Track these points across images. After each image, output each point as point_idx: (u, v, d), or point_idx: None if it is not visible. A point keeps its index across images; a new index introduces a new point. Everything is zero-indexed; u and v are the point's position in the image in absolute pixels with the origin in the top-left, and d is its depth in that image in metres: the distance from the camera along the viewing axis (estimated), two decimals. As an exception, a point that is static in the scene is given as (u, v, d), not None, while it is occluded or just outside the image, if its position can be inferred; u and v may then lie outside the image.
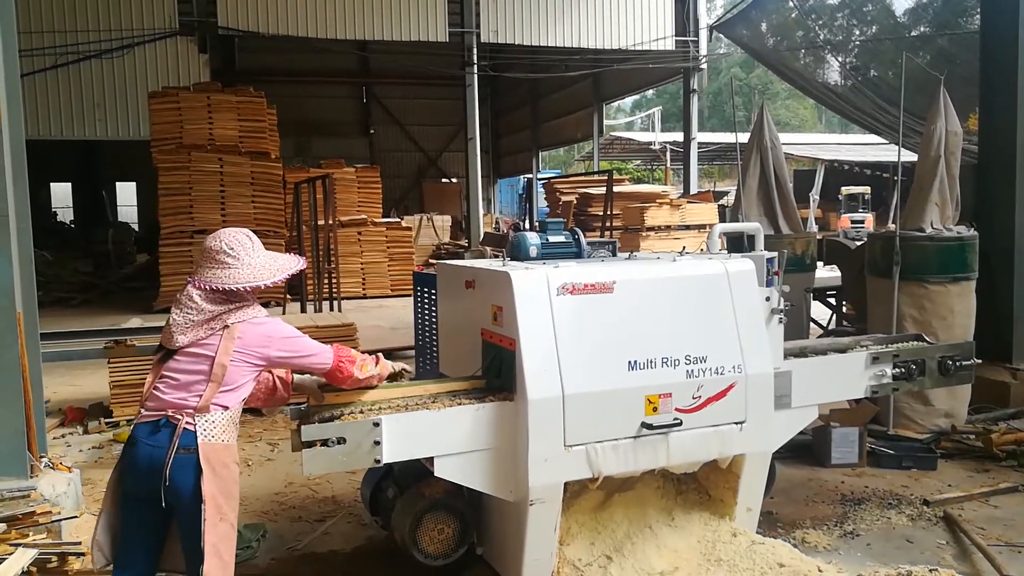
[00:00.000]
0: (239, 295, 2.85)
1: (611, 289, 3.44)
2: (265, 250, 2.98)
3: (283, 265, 2.97)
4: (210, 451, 2.71)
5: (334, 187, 11.88)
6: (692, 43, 20.46)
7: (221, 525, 2.72)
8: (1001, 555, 3.99)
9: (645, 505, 3.81)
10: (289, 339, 2.90)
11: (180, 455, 2.69)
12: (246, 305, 2.86)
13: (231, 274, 2.83)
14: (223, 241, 2.89)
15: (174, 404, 2.76)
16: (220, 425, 2.76)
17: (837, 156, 27.87)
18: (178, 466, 2.68)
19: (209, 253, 2.87)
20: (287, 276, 2.97)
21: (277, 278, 2.91)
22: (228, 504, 2.75)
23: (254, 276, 2.86)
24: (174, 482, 2.69)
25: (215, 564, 2.68)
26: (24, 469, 4.40)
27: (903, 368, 4.36)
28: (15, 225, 4.51)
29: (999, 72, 6.82)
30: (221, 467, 2.74)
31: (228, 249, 2.86)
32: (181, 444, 2.70)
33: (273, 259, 2.96)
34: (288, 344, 2.89)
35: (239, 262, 2.85)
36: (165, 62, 17.94)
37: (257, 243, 2.97)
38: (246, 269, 2.85)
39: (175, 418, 2.73)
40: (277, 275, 2.91)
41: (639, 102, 47.12)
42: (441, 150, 30.54)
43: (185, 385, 2.77)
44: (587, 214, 17.96)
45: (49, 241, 19.71)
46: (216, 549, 2.68)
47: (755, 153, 7.65)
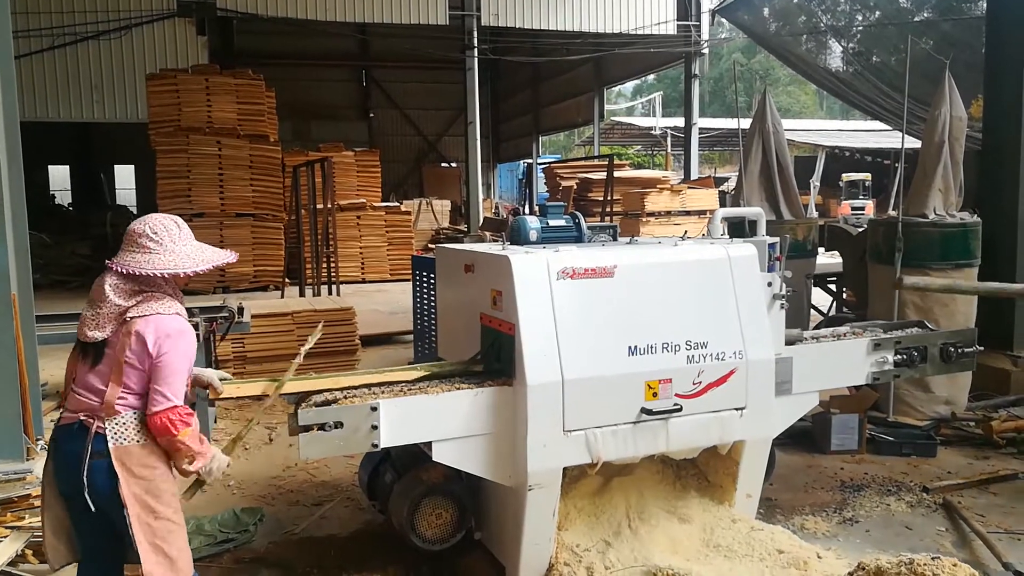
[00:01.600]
0: (151, 285, 2.69)
1: (612, 274, 3.41)
2: (196, 241, 2.81)
3: (210, 256, 2.78)
4: (123, 455, 2.60)
5: (333, 171, 11.82)
6: (694, 27, 20.32)
7: (158, 522, 2.62)
8: (1000, 542, 3.99)
9: (644, 491, 3.79)
10: (178, 354, 2.64)
11: (94, 460, 2.59)
12: (154, 298, 2.67)
13: (150, 259, 2.66)
14: (147, 225, 2.72)
15: (86, 407, 2.66)
16: (132, 426, 2.63)
17: (838, 143, 27.78)
18: (94, 471, 2.59)
19: (131, 236, 2.71)
20: (211, 267, 2.77)
21: (200, 268, 2.72)
22: (160, 500, 2.64)
23: (175, 263, 2.68)
24: (94, 487, 2.61)
25: (157, 561, 2.60)
26: (20, 451, 4.40)
27: (904, 355, 4.33)
28: (10, 207, 4.48)
29: (1004, 57, 6.76)
30: (140, 468, 2.62)
31: (151, 233, 2.70)
32: (94, 449, 2.60)
33: (201, 249, 2.78)
34: (168, 357, 2.62)
35: (161, 247, 2.69)
36: (163, 44, 17.80)
37: (186, 231, 2.80)
38: (167, 256, 2.68)
39: (88, 422, 2.63)
40: (200, 265, 2.72)
41: (640, 87, 46.92)
42: (441, 134, 30.42)
43: (94, 386, 2.66)
44: (587, 199, 17.91)
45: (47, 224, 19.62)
46: (156, 547, 2.61)
47: (757, 138, 7.60)
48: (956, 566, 2.82)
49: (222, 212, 14.45)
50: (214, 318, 5.52)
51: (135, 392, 2.65)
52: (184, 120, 14.35)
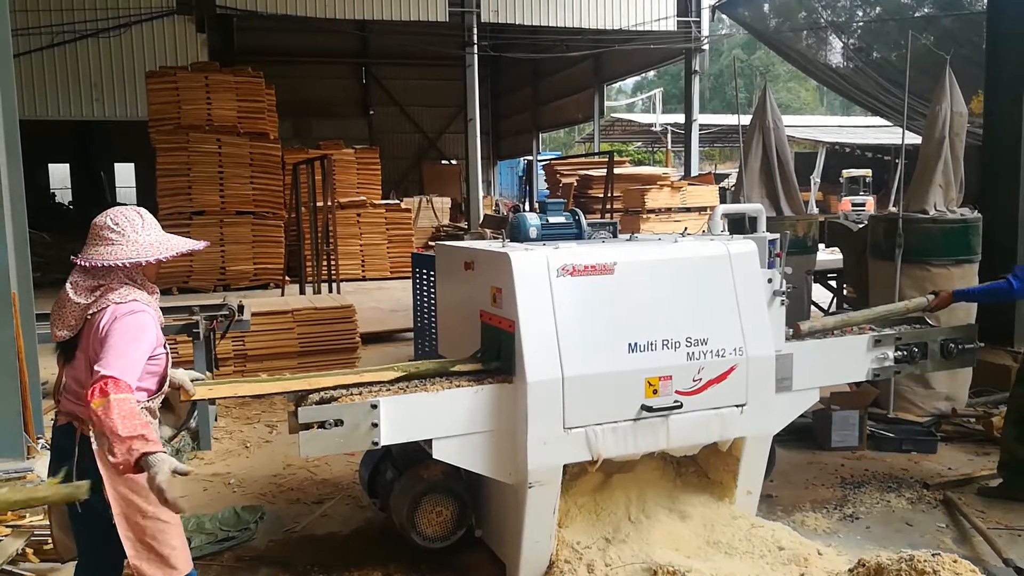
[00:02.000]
0: (108, 278, 2.63)
1: (612, 271, 3.40)
2: (162, 231, 2.74)
3: (176, 244, 2.71)
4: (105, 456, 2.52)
5: (333, 168, 11.80)
6: (694, 24, 20.29)
7: (146, 521, 2.58)
8: (1001, 538, 3.98)
9: (645, 488, 3.80)
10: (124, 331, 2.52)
11: (83, 464, 2.57)
12: (110, 290, 2.61)
13: (113, 251, 2.61)
14: (109, 217, 2.67)
15: (72, 409, 2.65)
16: None
17: (838, 139, 27.72)
18: (82, 475, 2.54)
19: (94, 229, 2.66)
20: (177, 254, 2.70)
21: (164, 255, 2.65)
22: (148, 499, 2.49)
23: (137, 252, 2.62)
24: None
25: (148, 559, 2.57)
26: (20, 450, 4.40)
27: (905, 351, 4.34)
28: (9, 206, 4.48)
29: (1005, 52, 6.75)
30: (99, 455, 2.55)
31: (113, 224, 2.64)
32: (80, 451, 2.58)
33: (167, 239, 2.72)
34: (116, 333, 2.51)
35: (123, 238, 2.63)
36: (163, 41, 17.82)
37: (150, 220, 2.73)
38: (130, 246, 2.62)
39: (75, 424, 2.62)
40: (164, 252, 2.66)
41: (640, 84, 46.88)
42: (441, 131, 30.39)
43: (75, 389, 2.64)
44: (587, 196, 17.90)
45: (47, 222, 19.64)
46: (146, 545, 2.58)
47: (757, 134, 7.58)
48: (956, 562, 2.82)
49: (222, 210, 14.43)
50: (214, 316, 5.51)
51: None
52: (184, 118, 14.32)
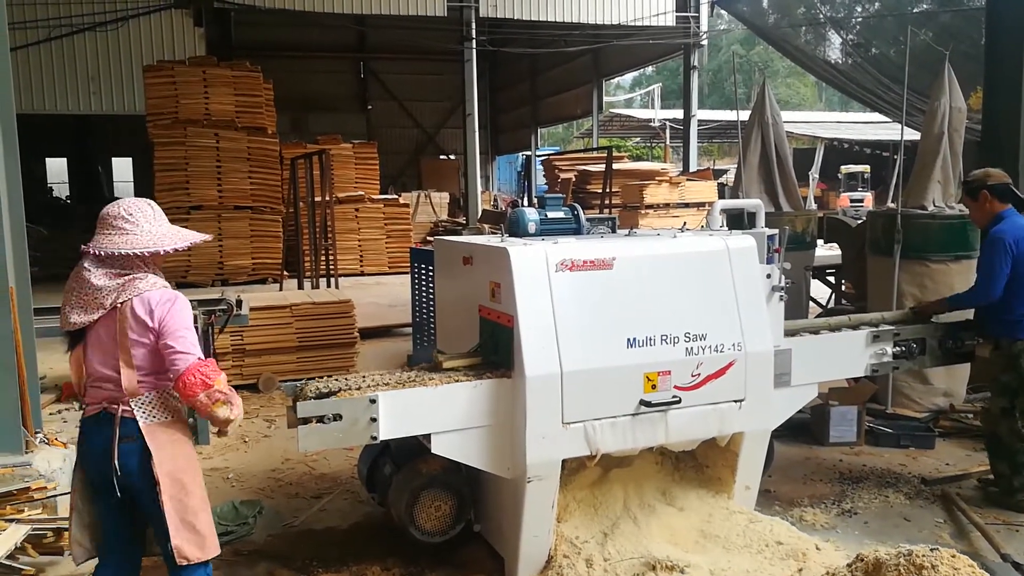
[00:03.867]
0: (130, 267, 2.68)
1: (610, 265, 3.40)
2: (170, 223, 2.83)
3: (187, 235, 2.81)
4: (155, 431, 2.65)
5: (331, 163, 11.78)
6: (693, 19, 20.27)
7: (189, 499, 2.67)
8: (999, 533, 4.00)
9: (643, 482, 3.80)
10: (177, 314, 2.66)
11: (124, 444, 2.64)
12: (136, 279, 2.67)
13: (128, 240, 2.67)
14: (122, 207, 2.74)
15: (106, 396, 2.70)
16: (157, 405, 2.70)
17: (837, 134, 27.72)
18: (125, 455, 2.64)
19: (106, 219, 2.72)
20: (189, 245, 2.80)
21: (178, 245, 2.75)
22: (190, 476, 2.70)
23: (154, 242, 2.69)
24: (124, 471, 2.65)
25: (188, 538, 2.64)
26: (19, 444, 4.39)
27: (903, 347, 4.35)
28: (7, 199, 4.47)
29: (1004, 48, 6.73)
30: (171, 444, 2.68)
31: (127, 215, 2.71)
32: (122, 434, 2.65)
33: (177, 230, 2.81)
34: (170, 318, 2.64)
35: (138, 228, 2.70)
36: (160, 35, 17.76)
37: (159, 213, 2.81)
38: (145, 236, 2.69)
39: (112, 409, 2.68)
40: (179, 242, 2.76)
41: (639, 79, 46.78)
42: (439, 126, 30.35)
43: (107, 375, 2.69)
44: (586, 191, 17.88)
45: (45, 217, 19.60)
46: (187, 523, 2.65)
47: (756, 130, 7.59)
48: (955, 557, 2.82)
49: (220, 205, 14.41)
50: (212, 311, 5.51)
51: (149, 371, 2.68)
52: (182, 112, 14.29)
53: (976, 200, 4.55)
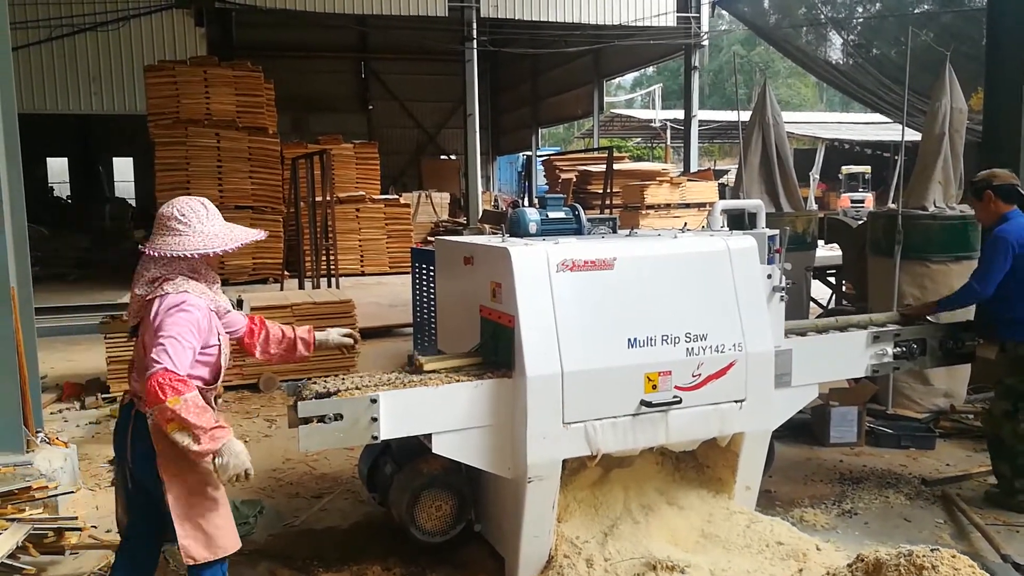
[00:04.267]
0: (172, 268, 2.73)
1: (611, 266, 3.40)
2: (224, 221, 2.86)
3: (239, 235, 2.83)
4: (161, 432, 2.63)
5: (332, 163, 11.78)
6: (694, 19, 20.26)
7: (195, 499, 2.68)
8: (999, 534, 4.00)
9: (644, 482, 3.80)
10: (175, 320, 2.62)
11: (136, 440, 2.69)
12: (167, 281, 2.71)
13: (180, 241, 2.71)
14: (175, 208, 2.78)
15: (134, 390, 2.78)
16: None
17: (838, 135, 27.72)
18: (136, 449, 2.69)
19: (161, 220, 2.77)
20: (240, 245, 2.82)
21: (229, 246, 2.77)
22: (199, 477, 2.69)
23: (204, 244, 2.73)
24: (135, 464, 2.72)
25: (193, 536, 2.66)
26: (20, 444, 4.39)
27: (904, 347, 4.34)
28: (8, 200, 4.46)
29: (1005, 49, 6.74)
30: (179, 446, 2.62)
31: (180, 216, 2.75)
32: (135, 428, 2.69)
33: (230, 229, 2.84)
34: (168, 321, 2.62)
35: (190, 229, 2.74)
36: (161, 35, 17.76)
37: (213, 211, 2.84)
38: (196, 237, 2.73)
39: (136, 403, 2.73)
40: (230, 244, 2.77)
41: (639, 79, 46.77)
42: (440, 126, 30.35)
43: (139, 369, 2.75)
44: (586, 192, 17.88)
45: (45, 216, 19.62)
46: (193, 522, 2.66)
47: (757, 130, 7.58)
48: (955, 557, 2.83)
49: (221, 204, 14.04)
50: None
51: None
52: (183, 112, 14.29)
53: (981, 200, 4.56)
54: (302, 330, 3.22)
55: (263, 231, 3.00)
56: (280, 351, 3.16)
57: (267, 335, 3.14)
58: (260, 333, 3.13)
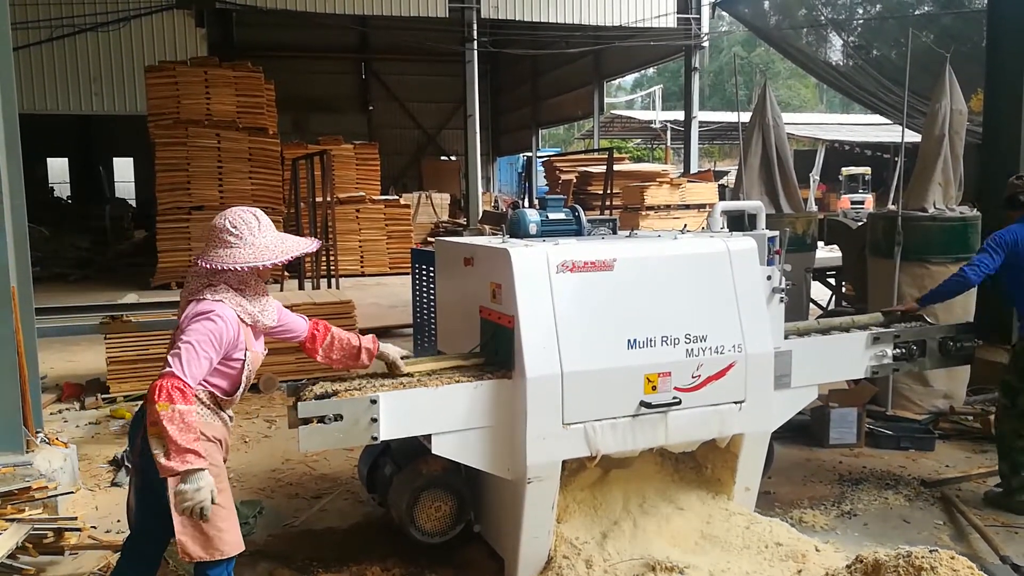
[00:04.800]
0: (220, 278, 2.76)
1: (611, 267, 3.41)
2: (276, 231, 2.86)
3: (291, 246, 2.84)
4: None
5: (332, 164, 11.79)
6: (694, 20, 20.29)
7: None
8: (998, 535, 4.00)
9: (643, 483, 3.80)
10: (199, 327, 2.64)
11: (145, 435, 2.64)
12: (210, 290, 2.73)
13: (231, 253, 2.73)
14: (227, 220, 2.79)
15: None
16: None
17: (838, 136, 27.71)
18: (145, 445, 2.66)
19: (213, 231, 2.79)
20: (292, 257, 2.82)
21: (280, 259, 2.78)
22: None
23: (254, 256, 2.74)
24: (142, 459, 2.71)
25: (192, 536, 2.64)
26: (20, 444, 4.39)
27: (904, 349, 4.34)
28: (9, 199, 4.46)
29: (1005, 51, 6.74)
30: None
31: (231, 228, 2.76)
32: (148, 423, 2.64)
33: (282, 240, 2.85)
34: (192, 328, 2.64)
35: (241, 241, 2.75)
36: (162, 36, 17.79)
37: (265, 222, 2.85)
38: (247, 249, 2.75)
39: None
40: (280, 256, 2.79)
41: (639, 80, 46.79)
42: (440, 127, 30.36)
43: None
44: (586, 193, 17.89)
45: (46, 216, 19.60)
46: (193, 522, 2.63)
47: (757, 132, 7.58)
48: (954, 559, 2.83)
49: (221, 205, 14.40)
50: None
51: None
52: (183, 112, 14.32)
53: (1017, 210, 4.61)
54: (366, 339, 3.23)
55: (316, 240, 3.00)
56: (342, 357, 3.17)
57: (332, 340, 3.16)
58: (324, 338, 3.15)
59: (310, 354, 3.19)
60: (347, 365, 3.22)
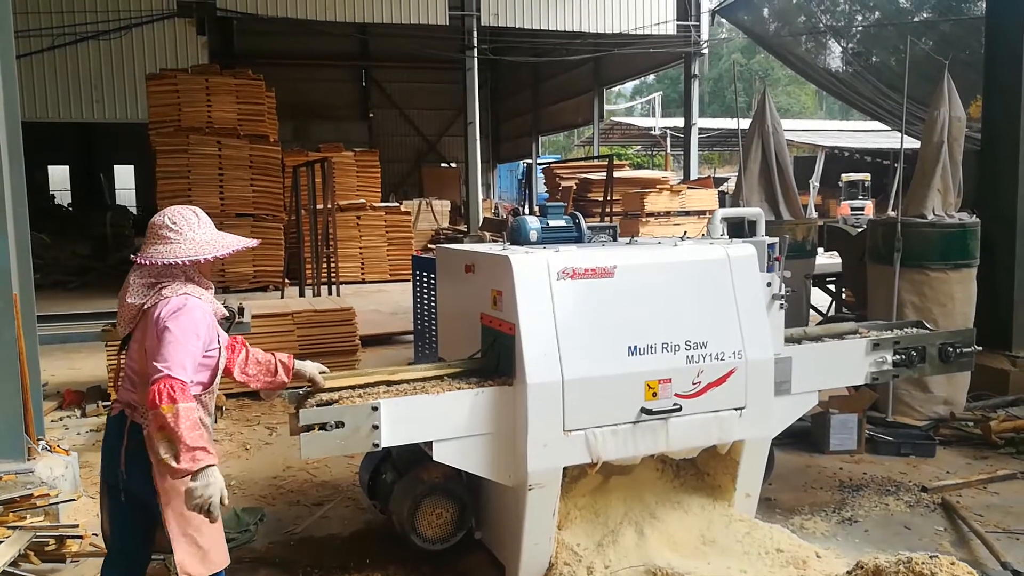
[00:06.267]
0: (168, 276, 2.71)
1: (612, 274, 3.42)
2: (215, 229, 2.83)
3: (231, 242, 2.80)
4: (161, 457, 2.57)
5: (333, 171, 11.82)
6: (694, 28, 20.33)
7: (191, 514, 2.59)
8: (999, 542, 4.00)
9: (644, 490, 3.81)
10: (177, 324, 2.58)
11: (131, 450, 2.65)
12: (165, 287, 2.68)
13: (171, 249, 2.69)
14: (167, 216, 2.76)
15: (127, 399, 2.73)
16: None
17: (837, 143, 27.77)
18: (130, 461, 2.65)
19: (152, 229, 2.75)
20: (232, 252, 2.78)
21: (220, 252, 2.74)
22: None
23: (196, 251, 2.70)
24: (130, 476, 2.67)
25: (189, 552, 2.63)
26: (21, 451, 4.39)
27: (903, 355, 4.35)
28: (11, 207, 4.48)
29: (1003, 57, 6.77)
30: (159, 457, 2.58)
31: (171, 224, 2.73)
32: (130, 439, 2.66)
33: (221, 236, 2.81)
34: (171, 326, 2.57)
35: (181, 236, 2.71)
36: (163, 44, 17.81)
37: (204, 219, 2.82)
38: (187, 244, 2.71)
39: (127, 412, 2.70)
40: (221, 250, 2.74)
41: (639, 87, 46.90)
42: (440, 134, 30.42)
43: (130, 378, 2.73)
44: (587, 199, 17.92)
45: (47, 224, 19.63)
46: (189, 537, 2.64)
47: (757, 138, 7.61)
48: (954, 565, 2.84)
49: (222, 212, 14.44)
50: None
51: None
52: (184, 120, 14.35)
53: None
54: (282, 355, 3.13)
55: (256, 239, 3.00)
56: (259, 373, 3.05)
57: (247, 355, 3.05)
58: (240, 351, 3.05)
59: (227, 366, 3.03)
60: (264, 383, 3.07)
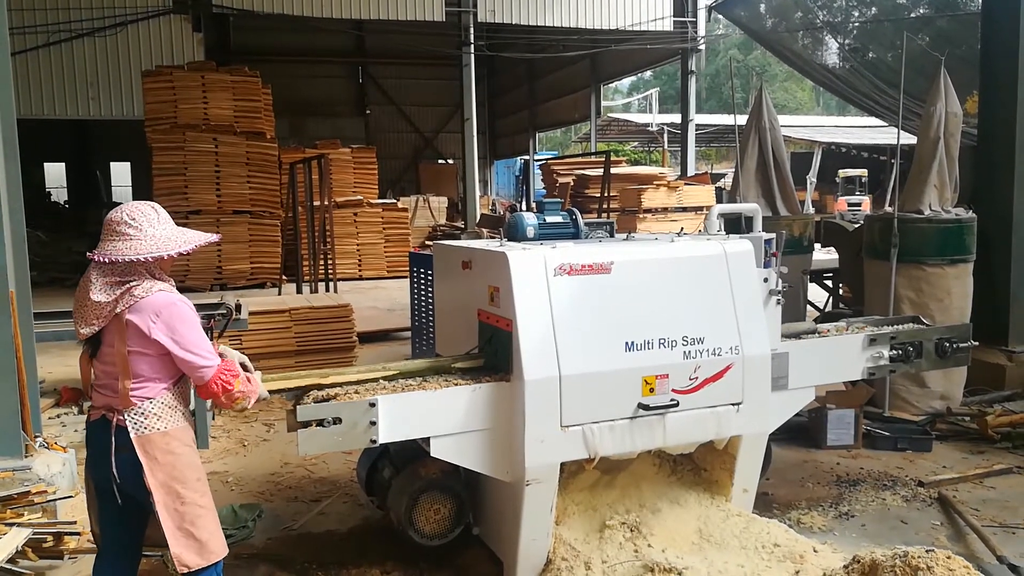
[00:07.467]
0: (132, 273, 2.66)
1: (609, 270, 3.42)
2: (175, 225, 2.78)
3: (192, 237, 2.76)
4: (145, 443, 2.64)
5: (330, 168, 11.82)
6: (690, 24, 20.35)
7: (185, 507, 2.66)
8: (995, 536, 4.01)
9: (641, 485, 3.81)
10: (181, 323, 2.63)
11: (120, 453, 2.65)
12: (135, 286, 2.63)
13: (131, 245, 2.63)
14: (124, 212, 2.69)
15: (107, 402, 2.71)
16: (152, 415, 2.66)
17: (834, 139, 27.76)
18: (121, 464, 2.65)
19: (109, 225, 2.68)
20: (194, 248, 2.74)
21: (182, 248, 2.69)
22: (186, 486, 2.68)
23: (157, 247, 2.64)
24: (122, 479, 2.67)
25: (186, 545, 2.66)
26: (19, 449, 4.39)
27: (900, 350, 4.35)
28: (7, 204, 4.47)
29: (999, 53, 6.77)
30: (164, 455, 2.65)
31: (130, 220, 2.66)
32: (118, 442, 2.65)
33: (181, 232, 2.76)
34: (177, 327, 2.62)
35: (141, 232, 2.65)
36: (159, 40, 17.80)
37: (164, 215, 2.76)
38: (149, 241, 2.65)
39: (110, 416, 2.69)
40: (184, 246, 2.70)
41: (636, 84, 46.87)
42: (437, 131, 30.41)
43: (109, 383, 2.71)
44: (584, 196, 17.92)
45: (43, 221, 19.60)
46: (185, 531, 2.66)
47: (753, 134, 7.60)
48: (950, 558, 2.84)
49: (219, 209, 14.44)
50: (211, 315, 5.51)
51: (150, 379, 2.67)
52: (180, 117, 14.32)
53: None
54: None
55: (217, 234, 3.03)
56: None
57: None
58: None
59: None
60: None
